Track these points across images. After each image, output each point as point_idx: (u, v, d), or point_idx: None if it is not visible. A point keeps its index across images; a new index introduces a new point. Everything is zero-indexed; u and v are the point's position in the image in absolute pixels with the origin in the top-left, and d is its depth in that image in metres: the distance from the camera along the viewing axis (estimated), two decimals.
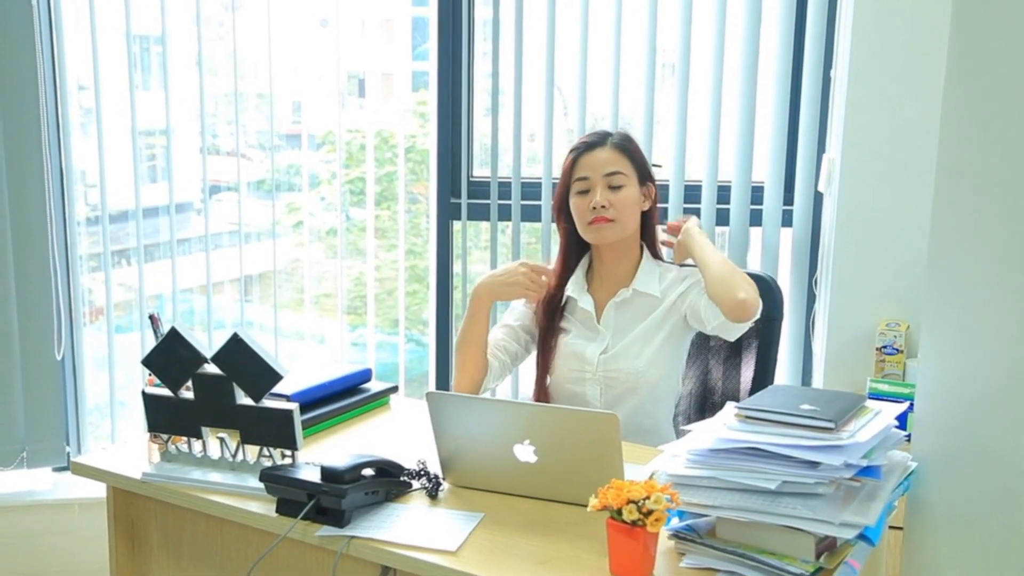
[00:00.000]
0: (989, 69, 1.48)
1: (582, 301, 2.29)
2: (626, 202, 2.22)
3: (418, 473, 1.84)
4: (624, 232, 2.23)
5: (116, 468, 1.95)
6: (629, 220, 2.23)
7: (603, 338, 2.26)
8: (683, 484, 1.58)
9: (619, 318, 2.26)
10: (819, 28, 2.93)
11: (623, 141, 2.26)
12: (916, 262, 1.98)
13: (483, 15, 3.20)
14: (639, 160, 2.26)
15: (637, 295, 2.25)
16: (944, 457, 1.62)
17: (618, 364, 2.21)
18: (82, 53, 3.23)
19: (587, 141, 2.27)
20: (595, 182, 2.22)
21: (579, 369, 2.26)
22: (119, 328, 3.42)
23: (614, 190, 2.21)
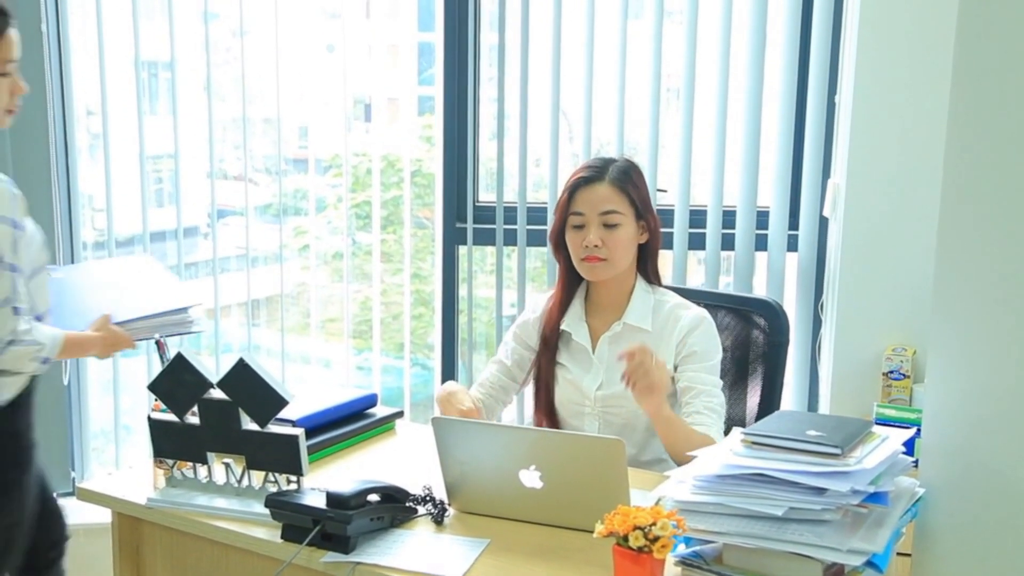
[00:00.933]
0: (993, 94, 1.48)
1: (577, 334, 2.26)
2: (620, 242, 2.17)
3: (423, 499, 1.83)
4: (616, 271, 2.20)
5: (121, 494, 1.95)
6: (621, 259, 2.19)
7: (597, 372, 2.23)
8: (689, 510, 1.57)
9: (612, 353, 2.22)
10: (823, 54, 2.95)
11: (621, 176, 2.19)
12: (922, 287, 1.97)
13: (489, 40, 3.22)
14: (638, 195, 2.19)
15: (628, 329, 2.22)
16: (952, 483, 1.61)
17: (616, 401, 2.20)
18: (90, 79, 3.25)
19: (584, 176, 2.19)
20: (590, 219, 2.17)
21: (578, 403, 2.24)
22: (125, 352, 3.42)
23: (609, 229, 2.16)
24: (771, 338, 2.34)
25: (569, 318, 2.29)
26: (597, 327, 2.26)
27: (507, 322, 3.33)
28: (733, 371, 2.38)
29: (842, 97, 2.84)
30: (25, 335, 2.19)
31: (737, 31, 3.00)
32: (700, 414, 2.12)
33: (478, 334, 3.46)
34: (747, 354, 2.37)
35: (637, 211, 2.19)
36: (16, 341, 2.18)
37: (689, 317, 2.20)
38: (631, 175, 2.21)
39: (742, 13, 3.00)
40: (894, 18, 2.66)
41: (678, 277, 3.09)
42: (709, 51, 3.03)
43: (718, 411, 2.14)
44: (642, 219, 2.21)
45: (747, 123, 3.03)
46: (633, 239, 2.20)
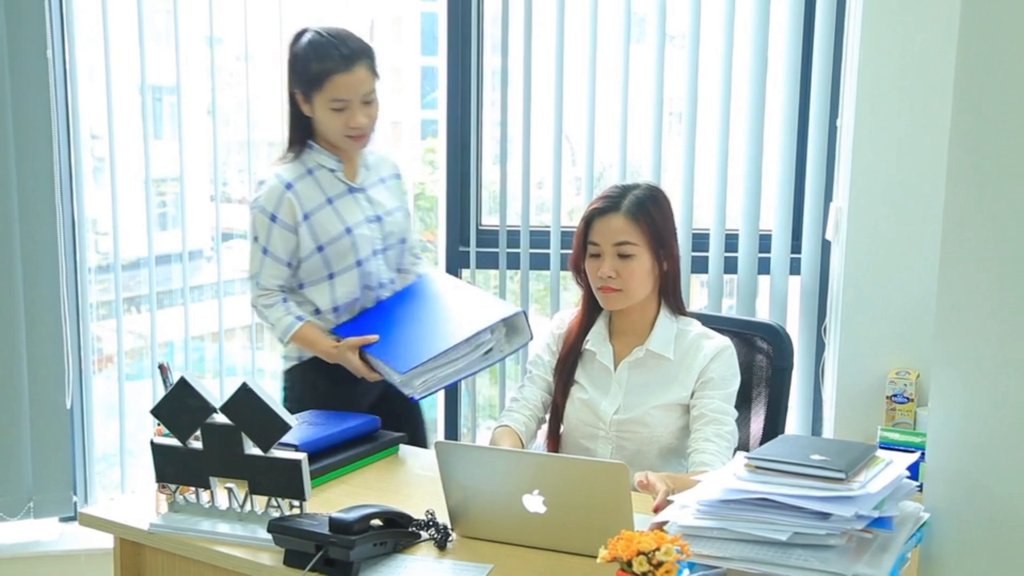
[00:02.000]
0: (994, 119, 1.49)
1: (600, 354, 2.26)
2: (634, 273, 2.17)
3: (426, 523, 1.83)
4: (631, 300, 2.21)
5: (123, 519, 1.94)
6: (636, 289, 2.19)
7: (615, 396, 2.23)
8: (693, 535, 1.56)
9: (633, 377, 2.23)
10: (825, 77, 2.96)
11: (637, 207, 2.17)
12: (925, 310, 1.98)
13: (492, 64, 3.23)
14: (654, 225, 2.17)
15: (650, 356, 2.22)
16: (957, 507, 1.60)
17: (632, 427, 2.20)
18: (96, 103, 3.27)
19: (599, 207, 2.20)
20: (604, 250, 2.18)
21: (592, 425, 2.24)
22: (128, 376, 3.42)
23: (623, 259, 2.16)
24: (775, 362, 2.34)
25: (593, 337, 2.29)
26: (619, 351, 2.26)
27: None
28: (737, 395, 2.37)
29: (843, 120, 2.85)
30: (264, 308, 2.48)
31: (739, 55, 3.01)
32: (708, 441, 2.12)
33: None
34: (751, 378, 2.36)
35: (654, 241, 2.18)
36: (257, 308, 2.49)
37: (711, 347, 2.21)
38: (647, 205, 2.19)
39: (743, 37, 3.01)
40: (895, 42, 2.68)
41: None
42: (711, 75, 3.04)
43: (727, 439, 2.14)
44: (661, 248, 2.19)
45: (749, 147, 3.04)
46: (649, 269, 2.19)
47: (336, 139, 2.44)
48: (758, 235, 3.06)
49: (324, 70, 2.36)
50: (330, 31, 2.40)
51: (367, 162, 2.55)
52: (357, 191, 2.50)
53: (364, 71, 2.37)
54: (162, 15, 3.30)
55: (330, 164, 2.48)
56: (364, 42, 2.41)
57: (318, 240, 2.45)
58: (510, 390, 3.29)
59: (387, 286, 2.55)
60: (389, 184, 2.58)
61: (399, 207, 2.58)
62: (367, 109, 2.40)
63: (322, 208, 2.45)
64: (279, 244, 2.46)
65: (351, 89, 2.36)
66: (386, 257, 2.53)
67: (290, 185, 2.44)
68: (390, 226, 2.53)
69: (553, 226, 3.15)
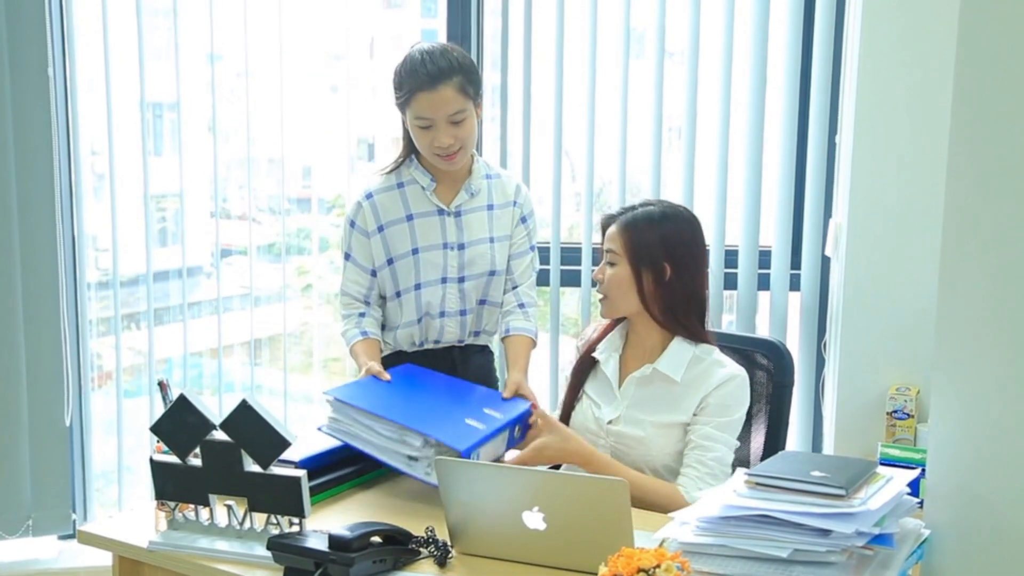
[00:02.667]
0: (993, 135, 1.49)
1: (606, 365, 2.28)
2: (613, 281, 2.22)
3: (426, 541, 1.82)
4: (616, 310, 2.24)
5: (122, 536, 1.94)
6: (619, 299, 2.22)
7: (617, 406, 2.24)
8: (694, 552, 1.56)
9: (638, 393, 2.23)
10: (823, 94, 2.97)
11: (631, 220, 2.22)
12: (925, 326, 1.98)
13: (491, 81, 3.24)
14: (641, 241, 2.19)
15: (657, 375, 2.22)
16: (957, 524, 1.60)
17: (627, 439, 2.21)
18: (96, 119, 3.28)
19: (610, 215, 2.28)
20: (602, 256, 2.27)
21: (593, 432, 2.26)
22: (127, 393, 3.42)
23: (610, 267, 2.23)
24: (776, 379, 2.34)
25: (603, 347, 2.31)
26: (630, 365, 2.28)
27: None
28: None
29: (842, 137, 2.86)
30: (342, 319, 2.52)
31: (738, 71, 3.02)
32: (688, 467, 2.15)
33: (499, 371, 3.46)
34: (752, 395, 2.36)
35: (634, 255, 2.20)
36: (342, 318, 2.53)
37: (721, 374, 2.20)
38: (641, 222, 2.21)
39: (742, 53, 3.02)
40: (893, 58, 2.69)
41: None
42: (710, 91, 3.05)
43: (709, 465, 2.13)
44: (642, 263, 2.20)
45: (748, 163, 3.05)
46: (628, 281, 2.21)
47: (427, 156, 2.43)
48: (758, 251, 3.07)
49: (411, 87, 2.34)
50: (430, 47, 2.36)
51: (473, 187, 2.49)
52: (447, 214, 2.47)
53: (451, 90, 2.31)
54: (162, 32, 3.32)
55: (423, 182, 2.47)
56: (459, 60, 2.35)
57: (389, 253, 2.46)
58: None
59: (453, 315, 2.50)
60: (498, 212, 2.52)
61: (496, 237, 2.50)
62: (454, 129, 2.35)
63: (399, 223, 2.46)
64: (358, 249, 2.49)
65: (435, 108, 2.32)
66: (462, 287, 2.48)
67: (370, 195, 2.48)
68: (472, 255, 2.48)
69: (553, 242, 3.16)
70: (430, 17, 3.48)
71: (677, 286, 2.21)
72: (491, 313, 2.56)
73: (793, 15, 2.97)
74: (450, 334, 2.52)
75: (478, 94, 2.39)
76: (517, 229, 2.57)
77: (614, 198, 3.13)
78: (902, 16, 2.67)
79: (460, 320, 2.51)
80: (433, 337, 2.52)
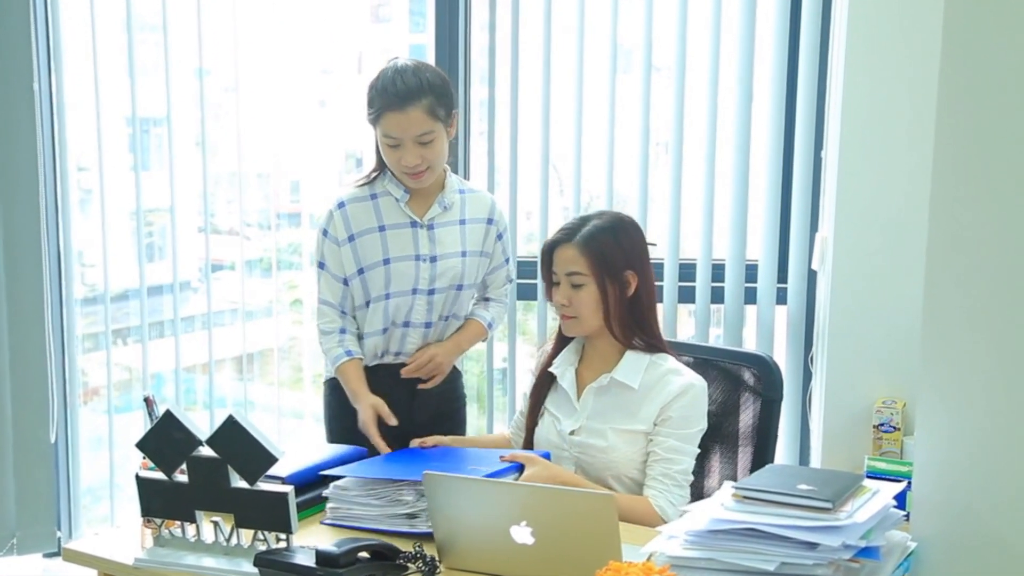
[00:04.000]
0: (977, 147, 1.50)
1: (563, 379, 2.30)
2: (583, 302, 2.21)
3: (414, 556, 1.82)
4: (587, 328, 2.25)
5: (108, 554, 1.93)
6: (589, 318, 2.22)
7: (578, 417, 2.25)
8: (681, 565, 1.56)
9: (597, 403, 2.24)
10: (809, 109, 2.98)
11: (588, 239, 2.20)
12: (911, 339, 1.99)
13: (479, 95, 3.25)
14: (604, 255, 2.20)
15: (614, 384, 2.23)
16: (943, 536, 1.61)
17: (590, 449, 2.21)
18: (84, 134, 3.28)
19: (556, 238, 2.26)
20: (560, 279, 2.24)
21: (556, 446, 2.27)
22: (116, 409, 3.41)
23: (575, 288, 2.22)
24: (764, 393, 2.34)
25: (559, 362, 2.32)
26: (586, 377, 2.29)
27: (498, 375, 3.33)
28: (725, 426, 2.38)
29: (828, 151, 2.88)
30: (321, 335, 2.52)
31: (724, 86, 3.04)
32: (654, 479, 2.15)
33: (469, 387, 3.45)
34: (739, 409, 2.37)
35: (600, 271, 2.20)
36: (318, 333, 2.52)
37: (679, 384, 2.20)
38: (598, 236, 2.21)
39: (729, 68, 3.04)
40: (879, 73, 2.70)
41: (668, 330, 3.10)
42: (697, 105, 3.07)
43: (675, 478, 2.14)
44: (609, 277, 2.21)
45: (735, 177, 3.06)
46: (598, 299, 2.21)
47: (395, 172, 2.44)
48: (744, 265, 3.08)
49: (380, 105, 2.34)
50: (403, 66, 2.36)
51: (447, 200, 2.50)
52: (420, 226, 2.48)
53: (420, 112, 2.32)
54: (150, 47, 3.32)
55: (396, 194, 2.47)
56: (430, 81, 2.35)
57: (360, 263, 2.47)
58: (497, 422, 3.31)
59: (417, 326, 2.51)
60: (470, 227, 2.53)
61: (468, 252, 2.51)
62: (421, 150, 2.35)
63: (370, 233, 2.46)
64: (331, 258, 2.49)
65: (402, 128, 2.33)
66: (431, 299, 2.49)
67: (342, 204, 2.49)
68: (443, 268, 2.48)
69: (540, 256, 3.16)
70: (418, 32, 3.49)
71: (643, 293, 2.24)
72: (455, 328, 2.58)
73: (779, 30, 2.99)
74: (411, 345, 2.52)
75: (449, 115, 2.39)
76: (495, 246, 2.58)
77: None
78: (887, 30, 2.69)
79: (424, 332, 2.52)
80: (395, 349, 2.52)
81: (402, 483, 1.99)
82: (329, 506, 2.06)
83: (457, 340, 2.57)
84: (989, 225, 1.47)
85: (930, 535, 1.64)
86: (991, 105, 1.47)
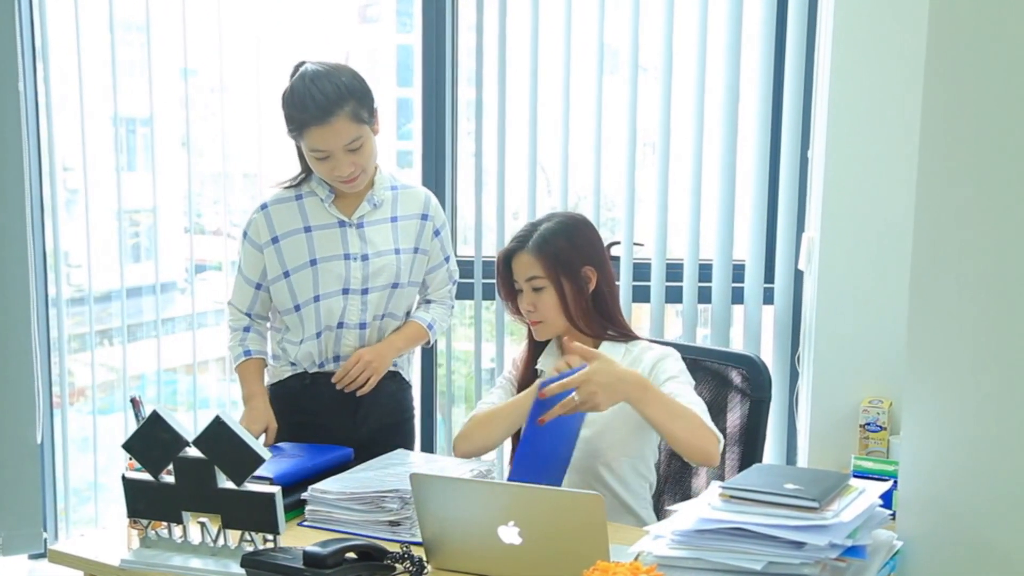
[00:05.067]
0: (962, 148, 1.51)
1: (548, 373, 2.29)
2: (547, 305, 2.22)
3: (401, 556, 1.81)
4: (556, 330, 2.25)
5: (94, 555, 1.92)
6: (555, 320, 2.23)
7: None
8: (669, 565, 1.56)
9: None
10: (795, 110, 2.99)
11: (541, 242, 2.22)
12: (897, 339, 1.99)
13: (467, 96, 3.25)
14: (559, 255, 2.21)
15: None
16: (929, 535, 1.61)
17: (578, 446, 2.20)
18: (69, 135, 3.26)
19: (511, 248, 2.25)
20: (522, 286, 2.25)
21: None
22: (101, 410, 3.40)
23: (536, 292, 2.22)
24: (753, 394, 2.34)
25: (543, 361, 2.33)
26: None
27: (486, 375, 3.33)
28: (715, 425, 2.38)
29: (814, 151, 2.89)
30: (230, 332, 2.52)
31: (711, 86, 3.05)
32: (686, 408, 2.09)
33: (457, 387, 3.46)
34: (727, 409, 2.37)
35: (556, 270, 2.21)
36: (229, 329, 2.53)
37: (653, 354, 2.23)
38: (550, 238, 2.22)
39: (716, 69, 3.04)
40: (865, 73, 2.71)
41: (656, 330, 3.11)
42: (684, 106, 3.07)
43: (700, 406, 2.12)
44: (565, 274, 2.22)
45: (722, 177, 3.06)
46: (557, 300, 2.22)
47: (327, 180, 2.41)
48: (731, 265, 3.08)
49: (301, 121, 2.29)
50: (315, 73, 2.29)
51: (376, 198, 2.46)
52: (349, 225, 2.44)
53: (344, 121, 2.27)
54: (135, 47, 3.31)
55: (322, 194, 2.44)
56: (347, 86, 2.29)
57: (284, 265, 2.43)
58: None
59: (352, 327, 2.47)
60: (403, 224, 2.49)
61: (401, 249, 2.47)
62: (352, 157, 2.32)
63: (295, 234, 2.43)
64: (247, 263, 2.48)
65: (328, 141, 2.29)
66: (365, 299, 2.45)
67: (265, 206, 2.46)
68: (377, 266, 2.45)
69: None
70: (405, 32, 3.49)
71: (604, 287, 2.26)
72: (393, 328, 2.54)
73: (765, 30, 3.00)
74: (348, 348, 2.48)
75: (372, 115, 2.35)
76: (432, 244, 2.55)
77: (589, 212, 3.14)
78: (873, 31, 2.70)
79: (359, 333, 2.48)
80: (333, 353, 2.49)
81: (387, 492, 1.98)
82: (309, 509, 2.05)
83: (391, 340, 2.51)
84: (974, 225, 1.48)
85: (916, 534, 1.64)
86: (976, 105, 1.48)
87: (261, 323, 2.53)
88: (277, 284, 2.45)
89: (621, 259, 3.11)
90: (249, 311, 2.50)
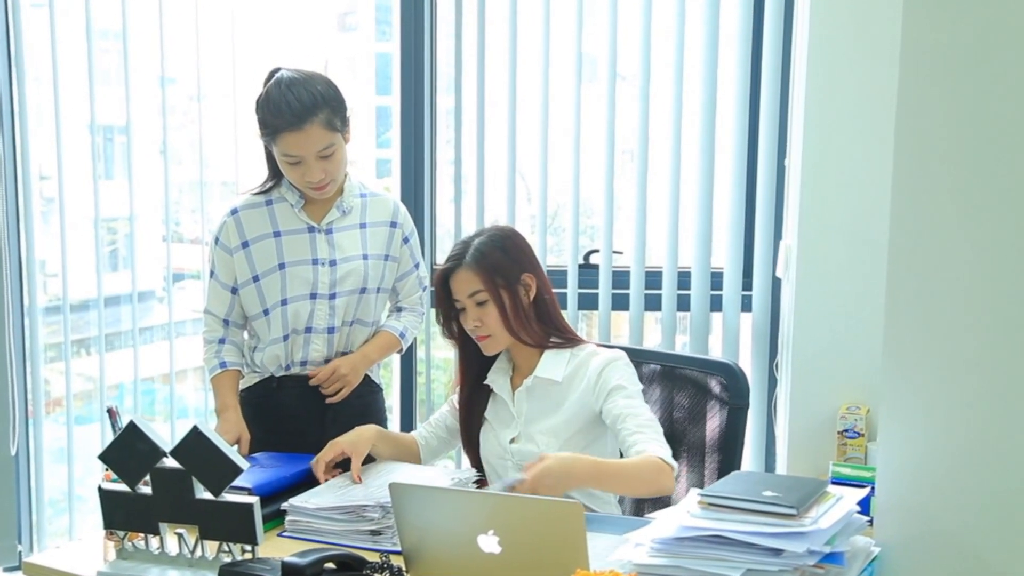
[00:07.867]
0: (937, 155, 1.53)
1: (497, 386, 2.31)
2: (492, 317, 2.22)
3: (381, 566, 1.81)
4: (506, 341, 2.25)
5: (69, 567, 1.90)
6: (501, 332, 2.23)
7: (516, 424, 2.28)
8: (648, 573, 1.57)
9: (530, 407, 2.26)
10: (772, 118, 3.01)
11: (478, 257, 2.22)
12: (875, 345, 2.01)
13: (445, 104, 3.25)
14: (498, 268, 2.22)
15: (539, 382, 2.25)
16: (907, 541, 1.62)
17: (527, 455, 2.20)
18: (45, 143, 3.24)
19: (448, 268, 2.25)
20: (464, 304, 2.24)
21: (500, 456, 2.28)
22: (78, 420, 3.37)
23: (480, 307, 2.22)
24: (732, 401, 2.35)
25: (492, 375, 2.34)
26: (517, 383, 2.31)
27: None
28: (692, 434, 2.39)
29: (791, 160, 2.90)
30: (204, 343, 2.52)
31: (689, 95, 3.06)
32: (636, 433, 2.12)
33: (436, 395, 3.45)
34: (705, 416, 2.38)
35: (493, 281, 2.22)
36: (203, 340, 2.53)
37: (599, 359, 2.24)
38: (485, 250, 2.23)
39: (693, 78, 3.06)
40: (841, 81, 2.73)
41: (635, 338, 3.11)
42: (662, 115, 3.08)
43: (651, 425, 2.15)
44: (502, 284, 2.22)
45: (700, 185, 3.08)
46: (499, 312, 2.22)
47: (297, 186, 2.43)
48: (710, 273, 3.10)
49: (275, 127, 2.32)
50: (291, 80, 2.33)
51: (345, 205, 2.48)
52: (318, 231, 2.46)
53: (318, 128, 2.31)
54: (112, 54, 3.29)
55: (291, 199, 2.46)
56: (323, 94, 2.33)
57: (254, 270, 2.45)
58: None
59: (320, 332, 2.47)
60: (372, 231, 2.51)
61: (369, 255, 2.49)
62: (323, 163, 2.35)
63: (265, 239, 2.45)
64: (220, 266, 2.48)
65: (302, 147, 2.32)
66: (332, 304, 2.46)
67: (235, 211, 2.47)
68: (344, 272, 2.47)
69: None
70: (384, 40, 3.49)
71: (543, 293, 2.27)
72: (362, 334, 2.54)
73: (742, 39, 3.02)
74: (316, 353, 2.49)
75: (345, 123, 2.38)
76: (402, 251, 2.57)
77: (568, 220, 3.14)
78: (849, 39, 2.72)
79: (327, 338, 2.49)
80: (300, 357, 2.49)
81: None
82: (289, 519, 2.04)
83: (364, 351, 2.53)
84: (949, 232, 1.49)
85: (894, 540, 1.65)
86: (950, 114, 1.49)
87: (237, 332, 2.53)
88: (247, 288, 2.47)
89: (600, 267, 3.12)
90: (227, 317, 2.50)
